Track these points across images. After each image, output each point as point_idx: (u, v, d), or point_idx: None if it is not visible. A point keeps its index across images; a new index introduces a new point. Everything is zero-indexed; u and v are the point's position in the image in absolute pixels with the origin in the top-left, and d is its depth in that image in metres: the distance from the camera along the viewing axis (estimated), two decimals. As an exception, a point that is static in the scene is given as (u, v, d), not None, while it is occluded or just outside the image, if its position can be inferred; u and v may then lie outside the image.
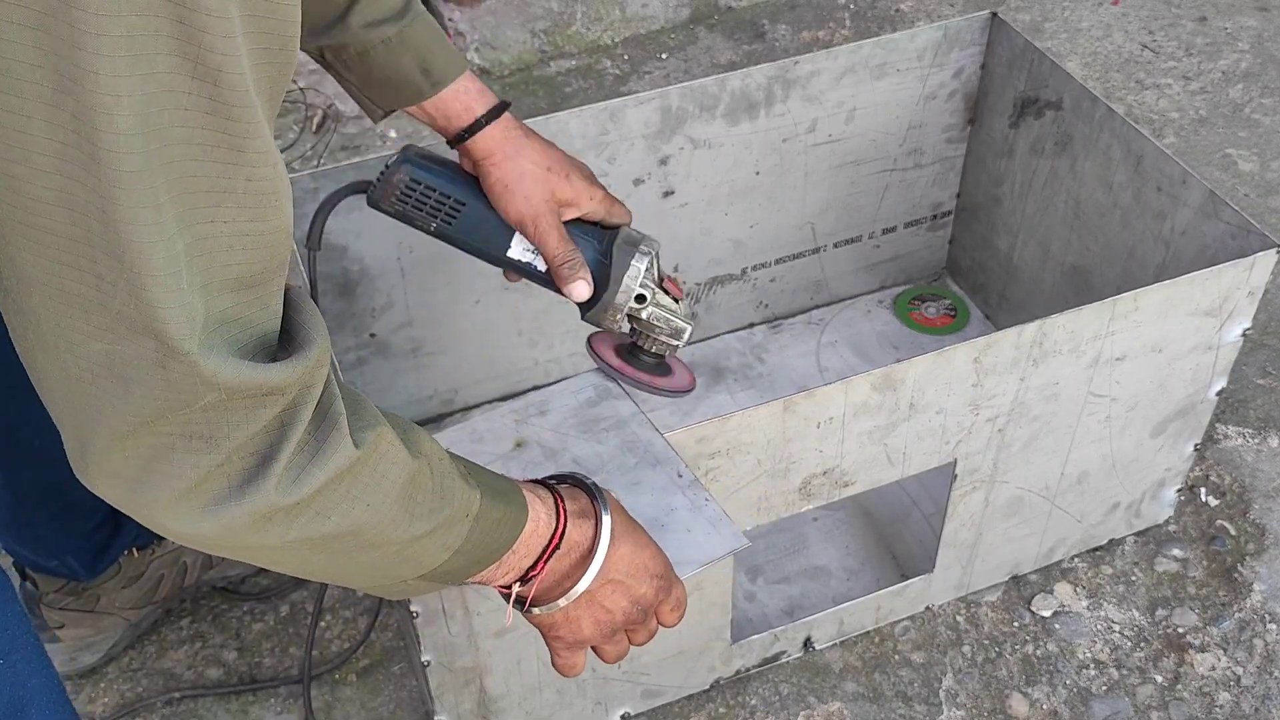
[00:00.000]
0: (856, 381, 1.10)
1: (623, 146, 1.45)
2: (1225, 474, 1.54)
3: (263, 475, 0.64)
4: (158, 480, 0.62)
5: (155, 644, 1.40)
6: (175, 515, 0.63)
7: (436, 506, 0.74)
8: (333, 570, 0.74)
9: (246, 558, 0.70)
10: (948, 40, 1.53)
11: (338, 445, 0.67)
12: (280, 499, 0.64)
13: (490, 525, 0.79)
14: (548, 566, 0.83)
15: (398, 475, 0.71)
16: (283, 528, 0.66)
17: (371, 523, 0.70)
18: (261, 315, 0.63)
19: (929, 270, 1.80)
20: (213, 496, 0.63)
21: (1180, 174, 1.31)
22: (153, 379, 0.59)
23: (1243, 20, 2.37)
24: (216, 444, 0.62)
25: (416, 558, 0.76)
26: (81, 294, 0.57)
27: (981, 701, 1.34)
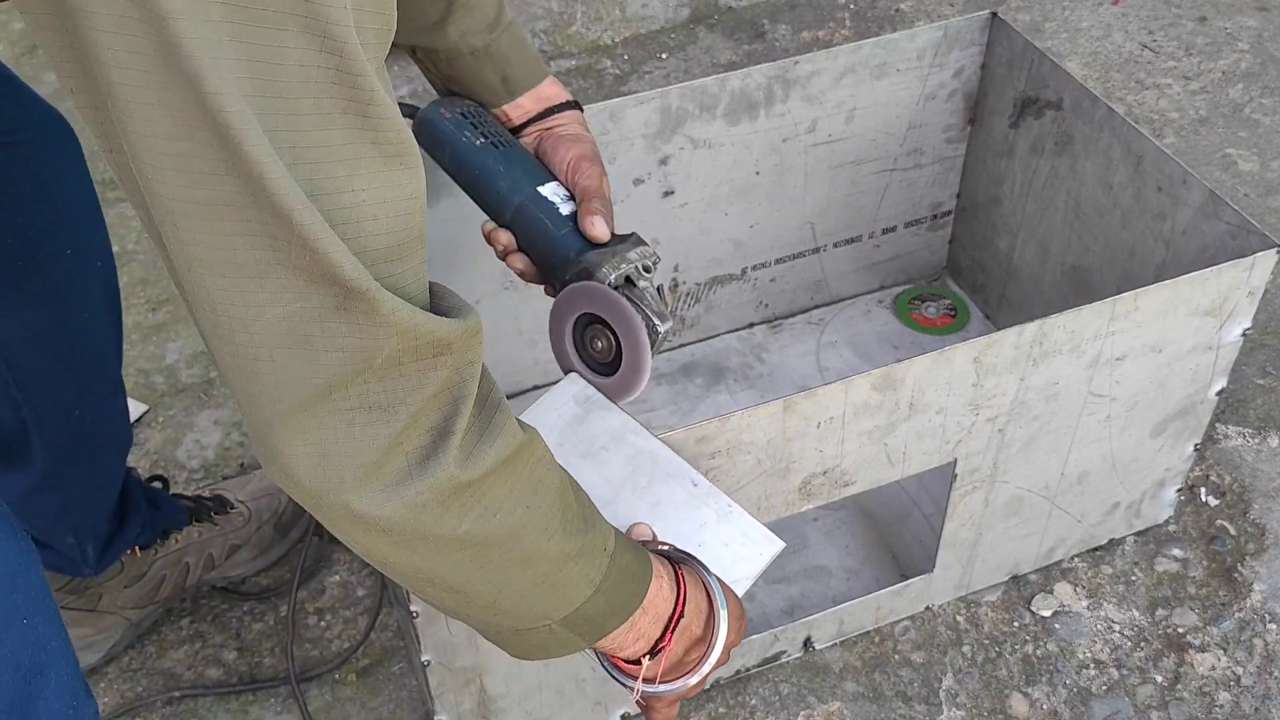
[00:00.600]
0: (856, 381, 1.10)
1: (623, 146, 1.45)
2: (1225, 474, 1.54)
3: (441, 449, 0.65)
4: (342, 460, 0.63)
5: (155, 644, 1.40)
6: (361, 497, 0.64)
7: (582, 527, 0.75)
8: (489, 591, 0.73)
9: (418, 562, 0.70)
10: (948, 40, 1.53)
11: (504, 425, 0.69)
12: (459, 473, 0.66)
13: (624, 568, 0.78)
14: (673, 639, 0.83)
15: (553, 481, 0.73)
16: (458, 514, 0.67)
17: (530, 528, 0.71)
18: (415, 287, 0.64)
19: (929, 270, 1.80)
20: (395, 474, 0.65)
21: (1180, 174, 1.31)
22: (336, 328, 0.60)
23: (1243, 20, 2.37)
24: (394, 412, 0.63)
25: (563, 586, 0.75)
26: (256, 259, 0.58)
27: (981, 701, 1.34)
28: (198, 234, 0.58)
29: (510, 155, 1.09)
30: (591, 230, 1.03)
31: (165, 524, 1.36)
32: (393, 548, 0.69)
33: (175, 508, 1.38)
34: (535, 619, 0.76)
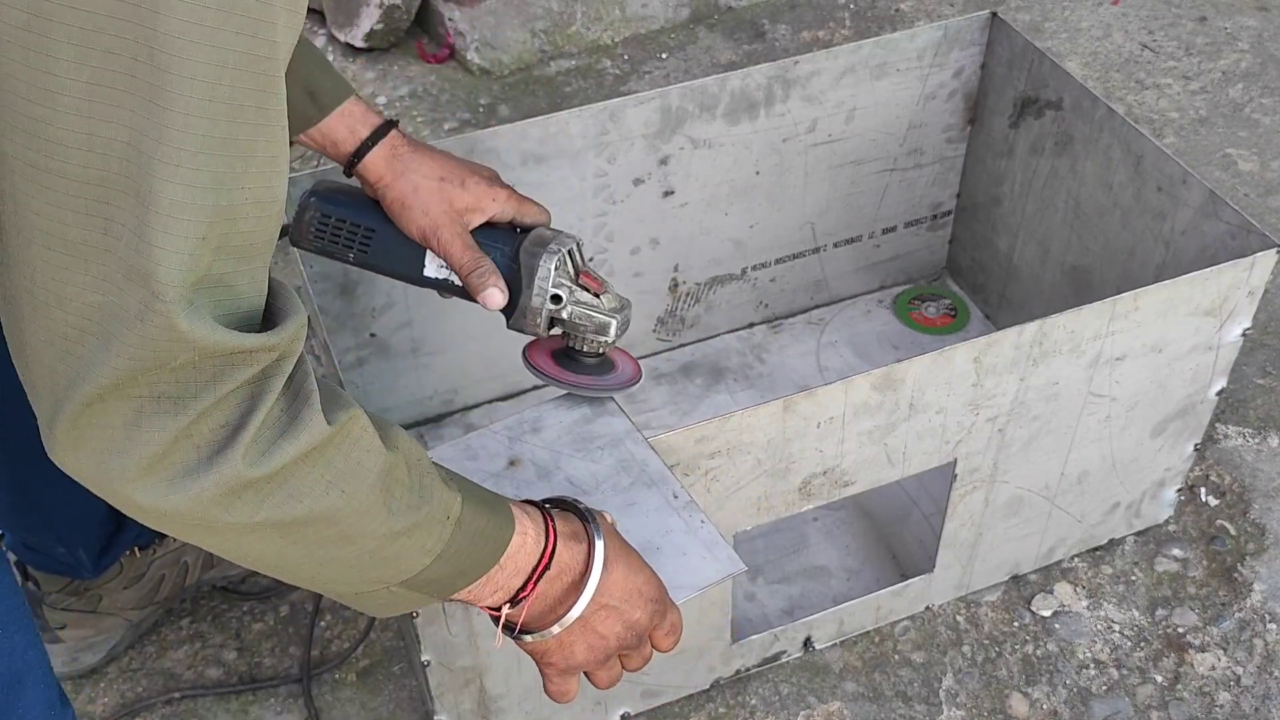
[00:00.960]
0: (856, 381, 1.10)
1: (623, 146, 1.45)
2: (1225, 474, 1.54)
3: (231, 445, 0.63)
4: (126, 449, 0.62)
5: (155, 644, 1.40)
6: (144, 487, 0.63)
7: (414, 504, 0.73)
8: (310, 566, 0.72)
9: (219, 544, 0.68)
10: (948, 40, 1.53)
11: (309, 421, 0.66)
12: (248, 471, 0.64)
13: (473, 533, 0.77)
14: (538, 589, 0.81)
15: (373, 464, 0.70)
16: (252, 505, 0.65)
17: (346, 511, 0.69)
18: (250, 289, 0.63)
19: (929, 270, 1.80)
20: (181, 467, 0.63)
21: (1180, 174, 1.31)
22: (131, 333, 0.59)
23: (1243, 20, 2.37)
24: (184, 405, 0.61)
25: (395, 559, 0.74)
26: (86, 241, 0.57)
27: (981, 701, 1.34)
28: (30, 200, 0.56)
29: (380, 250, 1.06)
30: (488, 305, 1.03)
31: None
32: (192, 533, 0.67)
33: None
34: (369, 584, 0.75)
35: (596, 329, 1.05)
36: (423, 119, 2.19)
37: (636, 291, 1.60)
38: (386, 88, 2.26)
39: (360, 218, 1.06)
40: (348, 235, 1.06)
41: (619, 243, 1.54)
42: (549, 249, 1.04)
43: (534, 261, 1.03)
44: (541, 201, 1.43)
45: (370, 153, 1.05)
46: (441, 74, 2.30)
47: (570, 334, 1.06)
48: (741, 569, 0.96)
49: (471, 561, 0.78)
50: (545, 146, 1.40)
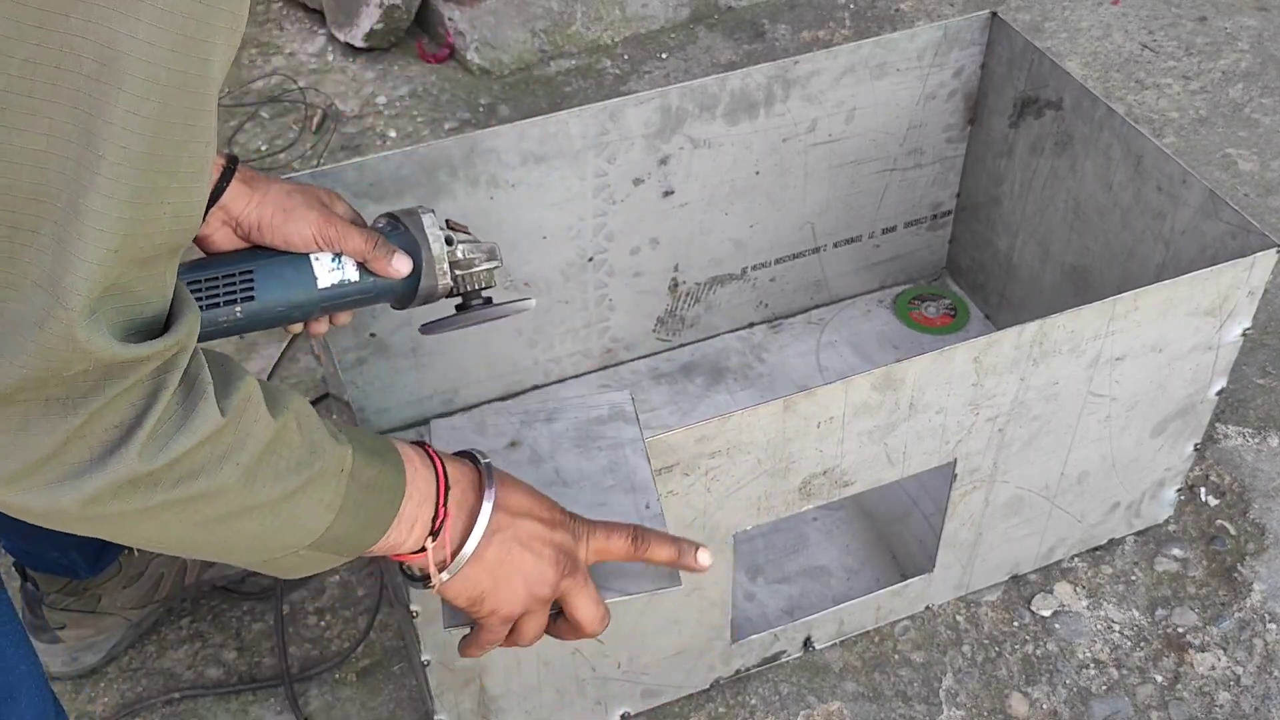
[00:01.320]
0: (856, 381, 1.10)
1: (623, 146, 1.45)
2: (1225, 474, 1.54)
3: (126, 444, 0.63)
4: (11, 453, 0.61)
5: (155, 644, 1.40)
6: (29, 489, 0.62)
7: (305, 460, 0.72)
8: (214, 542, 0.72)
9: (109, 532, 0.68)
10: (948, 40, 1.53)
11: (205, 413, 0.66)
12: (142, 466, 0.63)
13: (369, 480, 0.77)
14: (449, 511, 0.80)
15: (261, 434, 0.70)
16: (145, 493, 0.65)
17: (236, 484, 0.69)
18: (154, 295, 0.63)
19: (929, 270, 1.80)
20: (72, 467, 0.62)
21: (1180, 174, 1.31)
22: (27, 340, 0.58)
23: (1243, 20, 2.37)
24: (74, 407, 0.61)
25: (297, 520, 0.73)
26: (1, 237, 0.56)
27: (981, 701, 1.34)
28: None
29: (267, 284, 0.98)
30: (399, 271, 1.01)
31: None
32: (80, 526, 0.67)
33: None
34: (277, 551, 0.75)
35: (487, 254, 1.06)
36: (423, 119, 2.19)
37: (636, 291, 1.60)
38: (386, 88, 2.26)
39: (231, 264, 0.99)
40: (226, 289, 0.97)
41: (619, 243, 1.54)
42: (419, 209, 1.04)
43: (416, 220, 1.03)
44: (541, 201, 1.45)
45: (229, 186, 1.00)
46: (441, 74, 2.30)
47: (464, 276, 1.05)
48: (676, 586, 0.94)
49: (375, 509, 0.77)
50: (545, 146, 1.40)
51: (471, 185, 1.39)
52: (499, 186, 1.41)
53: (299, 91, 2.21)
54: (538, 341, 1.58)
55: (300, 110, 2.18)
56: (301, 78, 2.25)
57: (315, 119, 2.17)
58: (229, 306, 0.96)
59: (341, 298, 1.01)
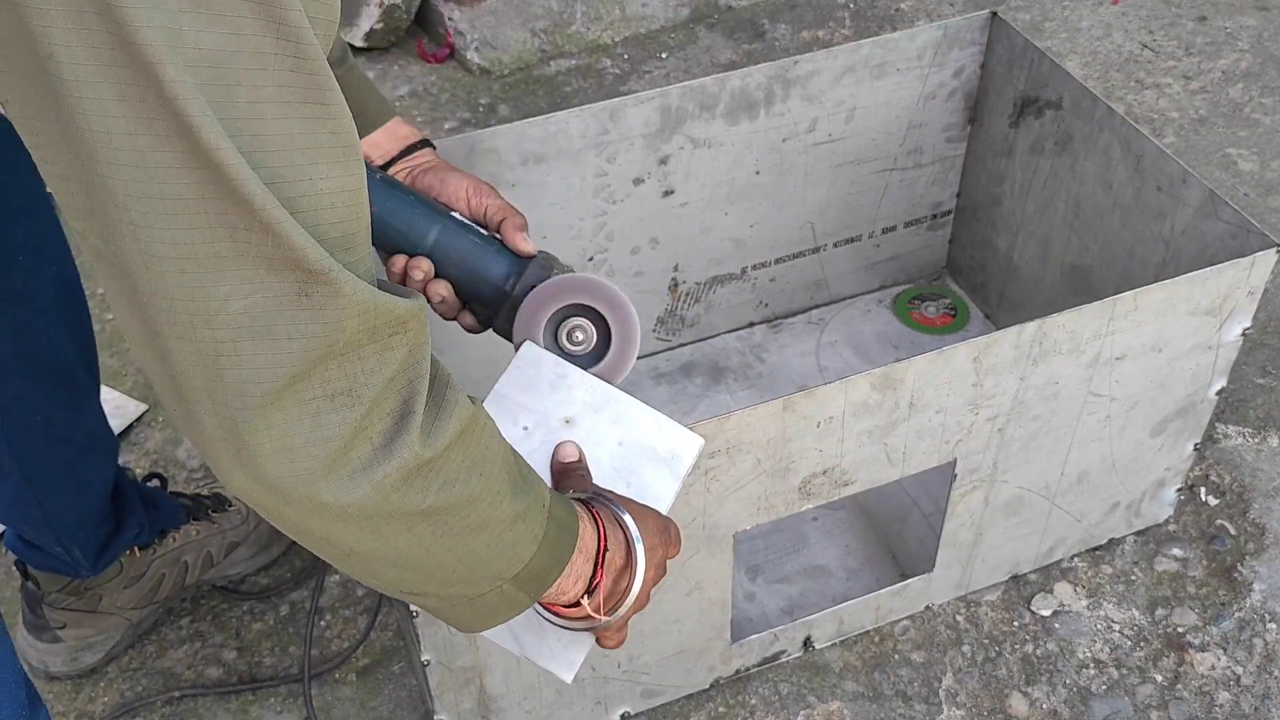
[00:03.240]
0: (856, 381, 1.10)
1: (623, 146, 1.45)
2: (1225, 473, 1.54)
3: (405, 430, 0.66)
4: (308, 450, 0.64)
5: (155, 643, 1.40)
6: (330, 486, 0.65)
7: (524, 488, 0.77)
8: (449, 560, 0.75)
9: (372, 544, 0.71)
10: (947, 40, 1.53)
11: (457, 400, 0.71)
12: (423, 451, 0.67)
13: (559, 520, 0.81)
14: (604, 572, 0.86)
15: (499, 447, 0.75)
16: (422, 490, 0.68)
17: (483, 494, 0.73)
18: (366, 278, 0.65)
19: (929, 270, 1.80)
20: (361, 460, 0.65)
21: (1180, 173, 1.31)
22: (299, 315, 0.61)
23: (1243, 20, 2.37)
24: (357, 396, 0.64)
25: (515, 545, 0.77)
26: (215, 252, 0.58)
27: (981, 701, 1.34)
28: (154, 230, 0.57)
29: (409, 190, 1.08)
30: (524, 245, 1.06)
31: (163, 523, 1.36)
32: (359, 533, 0.70)
33: (172, 506, 1.38)
34: (489, 582, 0.78)
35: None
36: (423, 119, 2.19)
37: (636, 291, 1.60)
38: (386, 87, 2.26)
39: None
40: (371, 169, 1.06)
41: (619, 243, 1.54)
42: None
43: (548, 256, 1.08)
44: (541, 201, 1.45)
45: (419, 150, 1.13)
46: (441, 74, 2.30)
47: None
48: (700, 443, 1.00)
49: (561, 549, 0.82)
50: (545, 146, 1.40)
51: (471, 185, 1.39)
52: (499, 186, 1.40)
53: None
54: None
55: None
56: (301, 78, 2.25)
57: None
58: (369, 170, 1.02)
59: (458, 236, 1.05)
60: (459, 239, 1.05)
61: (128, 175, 0.56)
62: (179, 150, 0.56)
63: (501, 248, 1.06)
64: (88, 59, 0.53)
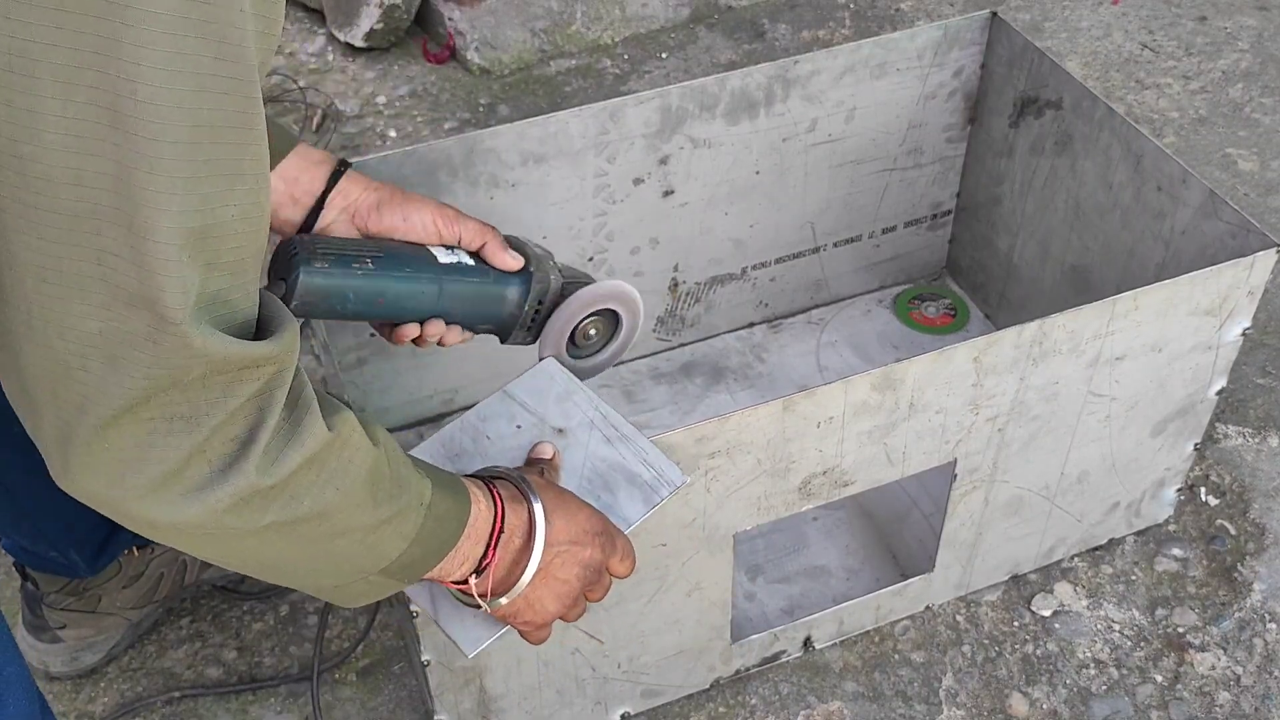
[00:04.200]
0: (856, 381, 1.10)
1: (623, 146, 1.45)
2: (1225, 473, 1.54)
3: (243, 457, 0.66)
4: (141, 468, 0.64)
5: (155, 643, 1.40)
6: (158, 503, 0.65)
7: (395, 493, 0.77)
8: (304, 563, 0.76)
9: (222, 552, 0.71)
10: (948, 40, 1.53)
11: (312, 428, 0.69)
12: (260, 480, 0.67)
13: (441, 514, 0.81)
14: (497, 554, 0.86)
15: (363, 461, 0.74)
16: (259, 511, 0.68)
17: (340, 506, 0.72)
18: (245, 302, 0.65)
19: (929, 270, 1.80)
20: (195, 481, 0.65)
21: (1180, 173, 1.31)
22: (143, 354, 0.60)
23: (1243, 20, 2.37)
24: (197, 423, 0.64)
25: (378, 546, 0.78)
26: (80, 272, 0.58)
27: (981, 701, 1.34)
28: (22, 237, 0.57)
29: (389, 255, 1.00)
30: (512, 263, 1.05)
31: None
32: (198, 544, 0.70)
33: None
34: (354, 574, 0.79)
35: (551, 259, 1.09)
36: (423, 119, 2.19)
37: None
38: (386, 88, 2.26)
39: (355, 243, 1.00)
40: (345, 245, 0.99)
41: (619, 243, 1.54)
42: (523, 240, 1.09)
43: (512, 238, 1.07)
44: (541, 201, 1.45)
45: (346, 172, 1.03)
46: (441, 74, 2.30)
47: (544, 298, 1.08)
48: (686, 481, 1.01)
49: (440, 541, 0.82)
50: (545, 146, 1.40)
51: (471, 185, 1.39)
52: (499, 186, 1.41)
53: (299, 91, 2.21)
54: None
55: (300, 110, 2.18)
56: (301, 78, 2.25)
57: (315, 119, 2.17)
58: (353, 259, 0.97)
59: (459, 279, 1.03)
60: (459, 286, 1.04)
61: (9, 178, 0.55)
62: (68, 165, 0.55)
63: (499, 276, 1.05)
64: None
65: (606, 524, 0.95)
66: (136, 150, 0.55)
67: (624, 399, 1.64)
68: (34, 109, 0.54)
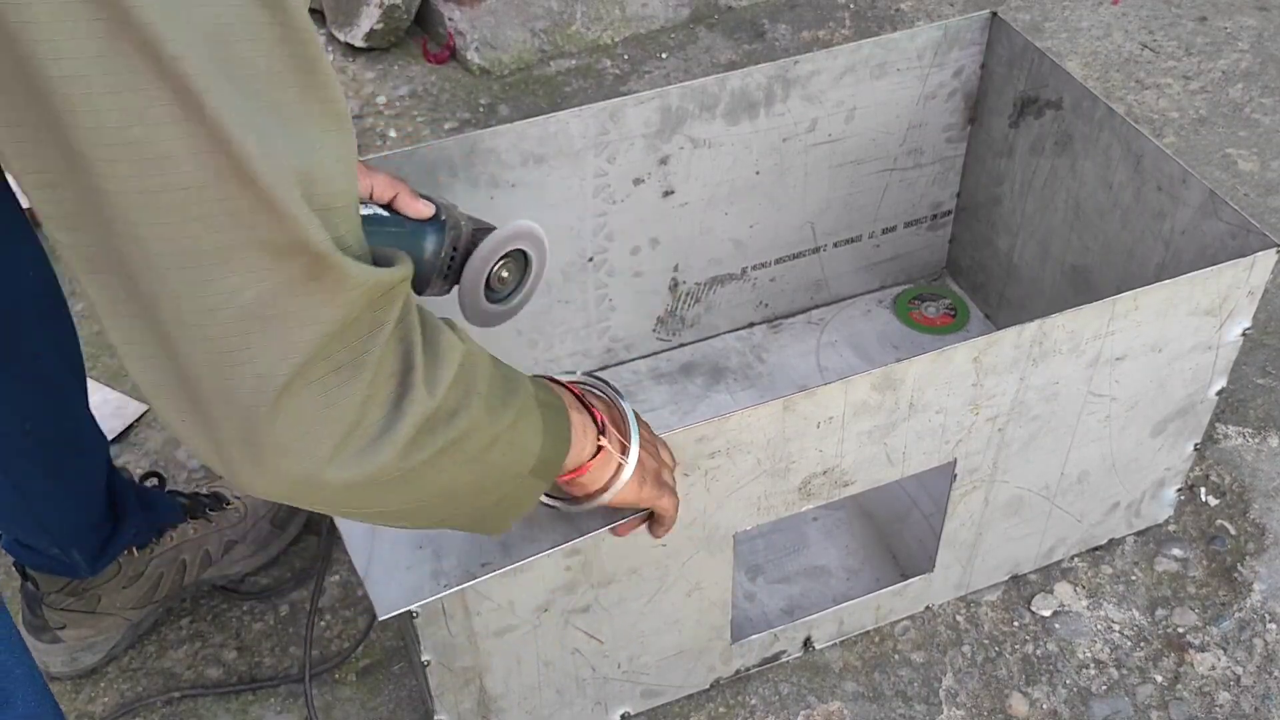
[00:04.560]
0: (856, 381, 1.10)
1: (623, 146, 1.45)
2: (1225, 474, 1.54)
3: (408, 388, 0.68)
4: (324, 431, 0.64)
5: (155, 643, 1.40)
6: (349, 461, 0.66)
7: (513, 390, 0.80)
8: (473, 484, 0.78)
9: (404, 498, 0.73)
10: (948, 40, 1.53)
11: (449, 343, 0.73)
12: (430, 401, 0.69)
13: (545, 401, 0.84)
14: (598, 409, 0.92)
15: (485, 366, 0.77)
16: (432, 436, 0.70)
17: (483, 414, 0.75)
18: (355, 237, 0.66)
19: (929, 270, 1.80)
20: (374, 427, 0.67)
21: (1180, 173, 1.31)
22: (309, 300, 0.61)
23: (1243, 20, 2.37)
24: (360, 367, 0.65)
25: (522, 444, 0.80)
26: (220, 242, 0.57)
27: (981, 701, 1.34)
28: (153, 227, 0.56)
29: None
30: (425, 209, 1.04)
31: (160, 522, 1.36)
32: (392, 492, 0.71)
33: (170, 505, 1.38)
34: (512, 482, 0.82)
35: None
36: (423, 119, 2.19)
37: (636, 291, 1.60)
38: (386, 88, 2.26)
39: None
40: None
41: (619, 243, 1.54)
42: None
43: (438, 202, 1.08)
44: (541, 201, 1.45)
45: None
46: (441, 74, 2.30)
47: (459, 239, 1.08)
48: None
49: (560, 426, 0.86)
50: (545, 146, 1.40)
51: (471, 185, 1.39)
52: (499, 186, 1.41)
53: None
54: (538, 341, 1.58)
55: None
56: (301, 78, 2.25)
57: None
58: None
59: (377, 230, 1.03)
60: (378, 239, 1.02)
61: (123, 171, 0.54)
62: (178, 136, 0.54)
63: (415, 226, 1.05)
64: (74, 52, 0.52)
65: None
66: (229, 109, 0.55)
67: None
68: (135, 87, 0.53)
